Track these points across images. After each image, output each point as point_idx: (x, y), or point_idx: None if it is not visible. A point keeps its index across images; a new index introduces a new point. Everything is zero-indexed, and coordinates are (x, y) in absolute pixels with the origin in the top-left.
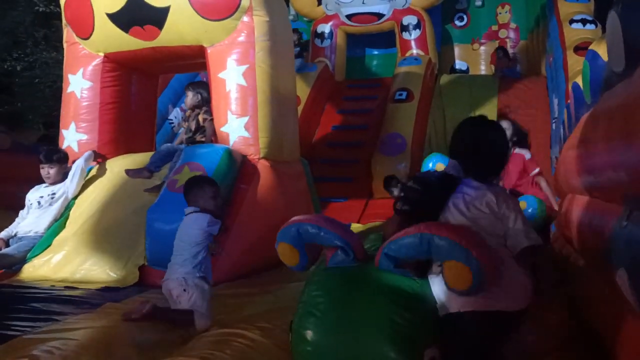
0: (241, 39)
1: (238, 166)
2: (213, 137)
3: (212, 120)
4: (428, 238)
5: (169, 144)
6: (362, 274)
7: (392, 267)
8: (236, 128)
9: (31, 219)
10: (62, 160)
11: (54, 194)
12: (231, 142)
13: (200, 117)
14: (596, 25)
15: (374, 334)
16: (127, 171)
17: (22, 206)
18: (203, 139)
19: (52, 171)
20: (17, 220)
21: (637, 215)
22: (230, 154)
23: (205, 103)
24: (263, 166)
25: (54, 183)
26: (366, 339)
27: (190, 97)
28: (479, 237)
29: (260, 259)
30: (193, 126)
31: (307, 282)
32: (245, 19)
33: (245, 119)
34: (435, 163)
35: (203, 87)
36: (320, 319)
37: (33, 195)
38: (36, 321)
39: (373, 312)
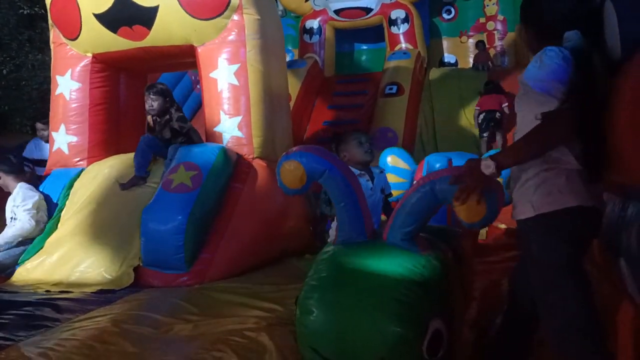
0: (232, 37)
1: (233, 165)
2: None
3: (195, 129)
4: (430, 186)
5: (141, 142)
6: (368, 248)
7: (401, 239)
8: (229, 128)
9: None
10: (7, 172)
11: (13, 212)
12: (224, 142)
13: (177, 125)
14: None
15: (378, 307)
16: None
17: None
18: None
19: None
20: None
21: (635, 205)
22: (225, 152)
23: (172, 106)
24: (257, 165)
25: (9, 192)
26: (369, 312)
27: (160, 103)
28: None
29: (256, 258)
30: (168, 134)
31: (315, 260)
32: (236, 17)
33: (238, 118)
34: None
35: (165, 90)
36: (324, 292)
37: (7, 206)
38: (31, 329)
39: (377, 285)
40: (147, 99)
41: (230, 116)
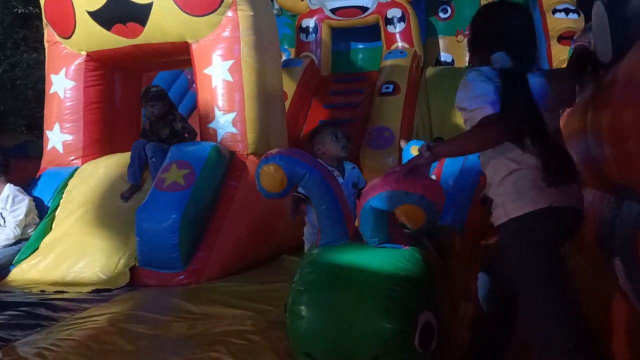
0: (226, 34)
1: (226, 163)
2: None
3: (195, 131)
4: (368, 204)
5: (135, 148)
6: (351, 249)
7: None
8: (224, 124)
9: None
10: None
11: (1, 215)
12: (219, 139)
13: (179, 126)
14: (579, 15)
15: (368, 304)
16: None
17: None
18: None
19: None
20: None
21: (629, 204)
22: (218, 150)
23: (172, 107)
24: (252, 162)
25: None
26: (360, 310)
27: (159, 107)
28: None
29: (253, 255)
30: (167, 133)
31: (299, 265)
32: (230, 13)
33: (233, 114)
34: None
35: (160, 92)
36: (312, 294)
37: None
38: (27, 329)
39: (364, 283)
40: (146, 106)
41: (225, 112)
